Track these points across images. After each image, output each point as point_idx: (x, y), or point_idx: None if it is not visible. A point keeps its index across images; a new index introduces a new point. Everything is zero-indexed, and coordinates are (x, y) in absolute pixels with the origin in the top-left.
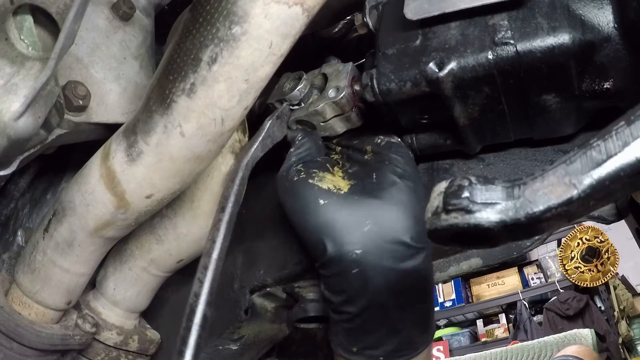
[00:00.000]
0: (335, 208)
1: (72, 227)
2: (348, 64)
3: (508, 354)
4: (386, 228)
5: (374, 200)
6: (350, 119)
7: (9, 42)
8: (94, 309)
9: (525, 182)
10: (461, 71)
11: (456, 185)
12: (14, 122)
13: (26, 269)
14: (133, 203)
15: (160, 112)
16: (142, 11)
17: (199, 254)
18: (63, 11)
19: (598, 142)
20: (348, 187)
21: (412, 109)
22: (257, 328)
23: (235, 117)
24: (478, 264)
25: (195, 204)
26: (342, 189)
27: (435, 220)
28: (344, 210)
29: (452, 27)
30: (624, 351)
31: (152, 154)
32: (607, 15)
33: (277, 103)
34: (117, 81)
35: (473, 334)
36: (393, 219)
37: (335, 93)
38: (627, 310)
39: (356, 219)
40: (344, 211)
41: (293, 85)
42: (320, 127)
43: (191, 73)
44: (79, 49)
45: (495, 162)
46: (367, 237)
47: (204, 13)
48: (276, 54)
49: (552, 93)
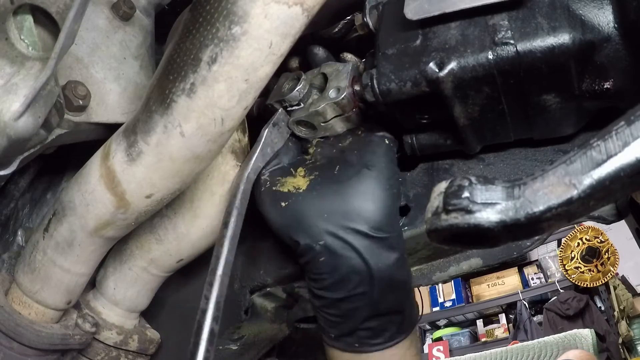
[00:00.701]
0: (295, 206)
1: (72, 227)
2: (348, 63)
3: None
4: (343, 217)
5: (331, 191)
6: (351, 119)
7: (9, 42)
8: (94, 309)
9: (525, 182)
10: (461, 71)
11: (456, 185)
12: (14, 122)
13: (26, 269)
14: (133, 203)
15: (160, 112)
16: (142, 11)
17: (199, 253)
18: (63, 11)
19: (598, 142)
20: (307, 183)
21: (412, 109)
22: (257, 328)
23: (235, 117)
24: (478, 264)
25: (195, 204)
26: (301, 187)
27: (435, 220)
28: (303, 205)
29: (452, 27)
30: (624, 351)
31: (152, 153)
32: (607, 15)
33: (276, 104)
34: (117, 81)
35: (473, 334)
36: (349, 208)
37: (336, 93)
38: (627, 310)
39: (315, 211)
40: (303, 206)
41: (292, 85)
42: (320, 127)
43: (191, 73)
44: (79, 49)
45: (495, 162)
46: (326, 227)
47: (204, 13)
48: (276, 54)
49: (552, 93)
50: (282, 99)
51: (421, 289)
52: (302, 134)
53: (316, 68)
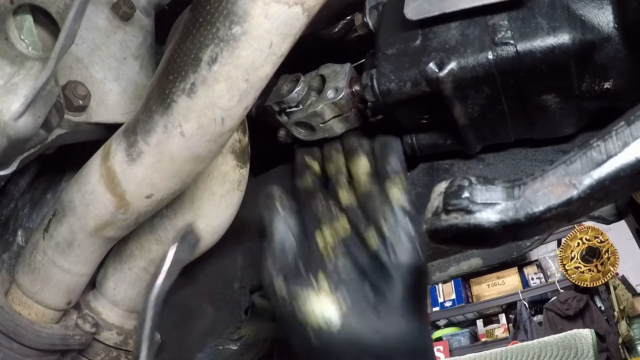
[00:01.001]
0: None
1: (72, 227)
2: (346, 64)
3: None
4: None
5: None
6: (350, 119)
7: (9, 42)
8: (94, 309)
9: (525, 182)
10: (461, 71)
11: (456, 186)
12: (13, 122)
13: (26, 269)
14: (133, 203)
15: (160, 112)
16: (142, 11)
17: (198, 254)
18: (63, 11)
19: (598, 142)
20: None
21: (412, 109)
22: (257, 328)
23: (236, 117)
24: (478, 264)
25: (195, 205)
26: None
27: (435, 220)
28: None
29: (452, 27)
30: (624, 351)
31: (152, 154)
32: (607, 15)
33: (275, 105)
34: (117, 81)
35: (473, 334)
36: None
37: (334, 94)
38: (627, 310)
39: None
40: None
41: (291, 87)
42: (319, 128)
43: (191, 73)
44: (79, 49)
45: (495, 162)
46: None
47: (204, 13)
48: (276, 54)
49: (552, 93)
50: (281, 101)
51: None
52: (301, 135)
53: (315, 70)
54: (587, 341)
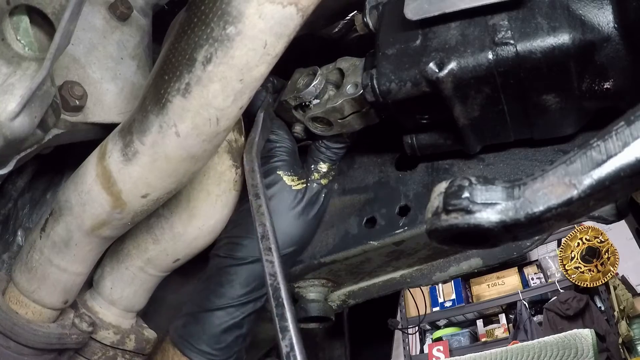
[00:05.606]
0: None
1: (68, 227)
2: (364, 58)
3: (508, 354)
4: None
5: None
6: (369, 115)
7: (6, 43)
8: (91, 308)
9: (525, 182)
10: (461, 71)
11: (456, 186)
12: (10, 122)
13: (23, 268)
14: (129, 203)
15: (156, 112)
16: (140, 11)
17: (195, 253)
18: (59, 12)
19: (598, 142)
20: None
21: (412, 109)
22: (257, 328)
23: (231, 117)
24: (478, 264)
25: (191, 204)
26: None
27: (435, 220)
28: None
29: (452, 27)
30: (624, 351)
31: (148, 153)
32: (607, 15)
33: (291, 100)
34: (114, 81)
35: (473, 334)
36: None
37: (354, 89)
38: (627, 310)
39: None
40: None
41: (307, 81)
42: (337, 124)
43: (186, 73)
44: (75, 49)
45: (495, 162)
46: None
47: (199, 13)
48: (271, 54)
49: (552, 93)
50: (298, 95)
51: (421, 289)
52: (317, 130)
53: (331, 63)
54: (587, 341)
